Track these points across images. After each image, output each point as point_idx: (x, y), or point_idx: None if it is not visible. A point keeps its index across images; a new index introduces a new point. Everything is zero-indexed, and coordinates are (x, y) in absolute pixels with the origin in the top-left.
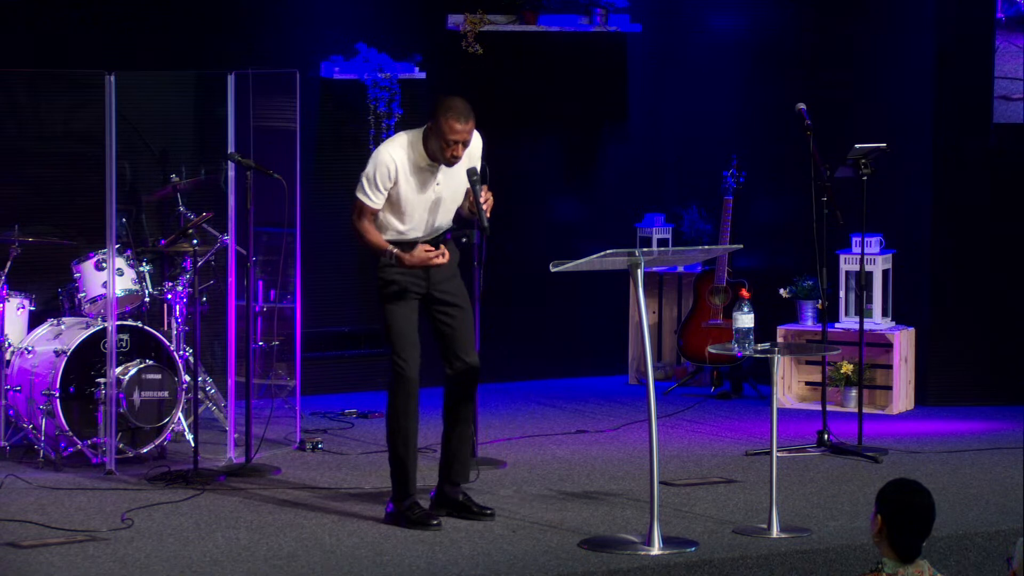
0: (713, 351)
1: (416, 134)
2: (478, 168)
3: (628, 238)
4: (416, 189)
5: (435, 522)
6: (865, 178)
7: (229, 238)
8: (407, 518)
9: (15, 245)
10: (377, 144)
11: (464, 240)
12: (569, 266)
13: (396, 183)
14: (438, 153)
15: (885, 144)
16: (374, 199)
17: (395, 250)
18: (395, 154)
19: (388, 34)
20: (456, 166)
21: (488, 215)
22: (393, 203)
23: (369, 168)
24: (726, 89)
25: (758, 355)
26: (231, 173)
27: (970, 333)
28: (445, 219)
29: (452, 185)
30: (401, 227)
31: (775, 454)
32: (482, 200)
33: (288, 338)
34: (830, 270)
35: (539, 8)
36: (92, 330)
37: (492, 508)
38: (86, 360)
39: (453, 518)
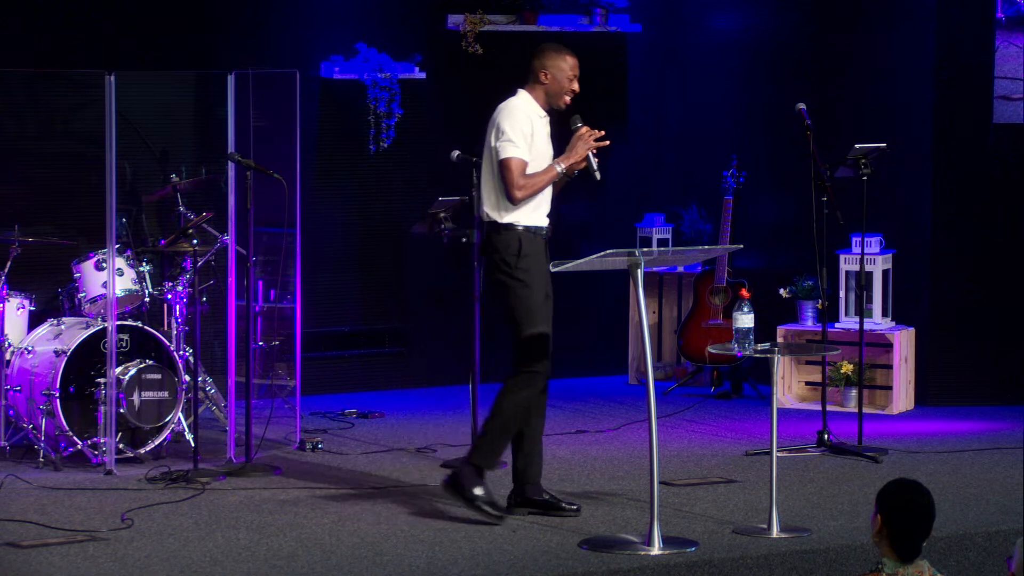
0: (713, 351)
1: (521, 93)
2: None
3: (628, 238)
4: (546, 141)
5: (496, 513)
6: (865, 178)
7: (229, 238)
8: (471, 500)
9: (15, 245)
10: (377, 145)
11: (464, 240)
12: (569, 266)
13: (534, 133)
14: (557, 96)
15: (885, 144)
16: (524, 149)
17: (560, 159)
18: (522, 106)
19: (388, 34)
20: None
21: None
22: (533, 161)
23: (509, 125)
24: (726, 89)
25: (758, 355)
26: (231, 173)
27: (970, 333)
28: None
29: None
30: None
31: (775, 454)
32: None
33: (288, 338)
34: (830, 270)
35: (539, 8)
36: (92, 330)
37: (578, 504)
38: (86, 360)
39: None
